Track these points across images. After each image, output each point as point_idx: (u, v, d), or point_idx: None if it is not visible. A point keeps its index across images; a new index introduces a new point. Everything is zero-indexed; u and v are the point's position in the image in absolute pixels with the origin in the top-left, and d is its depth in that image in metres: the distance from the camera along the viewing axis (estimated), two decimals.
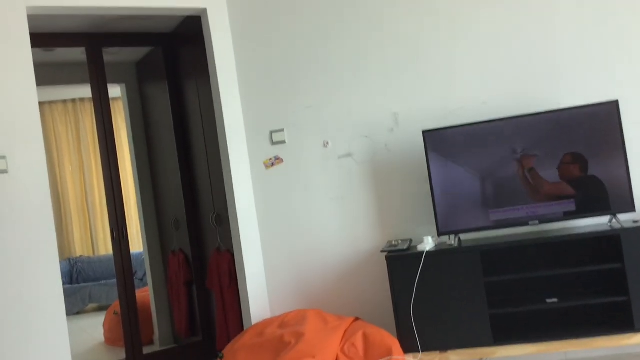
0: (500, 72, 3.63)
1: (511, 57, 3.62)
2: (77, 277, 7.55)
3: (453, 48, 3.69)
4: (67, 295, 7.11)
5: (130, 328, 4.28)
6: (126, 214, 4.40)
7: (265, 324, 3.54)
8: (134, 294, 4.33)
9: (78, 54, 4.49)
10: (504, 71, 3.62)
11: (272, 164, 3.94)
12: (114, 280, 5.79)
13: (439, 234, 3.46)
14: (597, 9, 3.52)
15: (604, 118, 3.30)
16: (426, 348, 3.32)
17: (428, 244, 3.41)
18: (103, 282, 7.29)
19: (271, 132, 3.94)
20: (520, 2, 3.60)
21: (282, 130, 3.92)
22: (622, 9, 3.49)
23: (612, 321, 3.27)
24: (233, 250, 3.98)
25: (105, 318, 5.67)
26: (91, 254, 7.85)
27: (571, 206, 3.33)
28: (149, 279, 5.01)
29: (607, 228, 3.22)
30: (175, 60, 4.53)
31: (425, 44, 3.73)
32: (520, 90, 3.60)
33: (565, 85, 3.55)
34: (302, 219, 3.90)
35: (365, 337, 3.26)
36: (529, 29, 3.59)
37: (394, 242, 3.56)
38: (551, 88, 3.57)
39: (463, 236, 3.64)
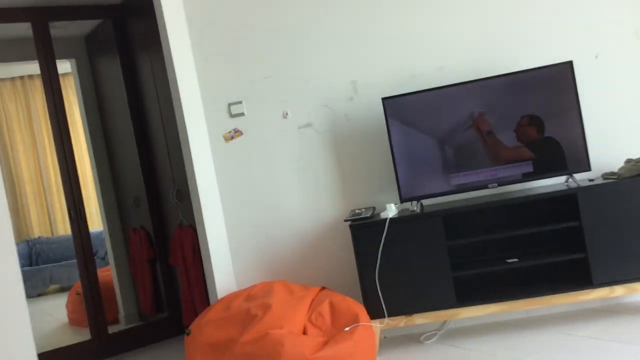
0: (456, 38, 3.63)
1: (467, 22, 3.62)
2: (36, 258, 7.38)
3: (410, 15, 3.67)
4: (27, 277, 6.95)
5: (93, 308, 4.22)
6: (83, 193, 4.30)
7: (231, 297, 3.53)
8: (96, 273, 4.26)
9: (24, 29, 4.31)
10: (461, 37, 3.63)
11: (232, 137, 3.89)
12: (75, 261, 5.69)
13: (402, 200, 3.49)
14: None
15: (559, 79, 3.34)
16: (392, 313, 3.36)
17: (391, 211, 3.43)
18: (64, 262, 7.13)
19: (229, 105, 3.87)
20: None
21: (241, 102, 3.86)
22: None
23: (571, 278, 3.36)
24: (196, 225, 3.94)
25: (67, 299, 5.57)
26: (50, 235, 7.68)
27: (529, 168, 3.38)
28: (110, 257, 4.94)
29: (564, 187, 3.28)
30: (126, 32, 4.40)
31: (382, 11, 3.69)
32: (477, 55, 3.61)
33: (521, 49, 3.57)
34: (264, 191, 3.87)
35: (332, 305, 3.28)
36: None
37: (357, 211, 3.57)
38: (507, 52, 3.59)
39: (425, 202, 3.67)
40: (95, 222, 7.44)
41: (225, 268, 3.86)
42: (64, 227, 7.62)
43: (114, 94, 4.60)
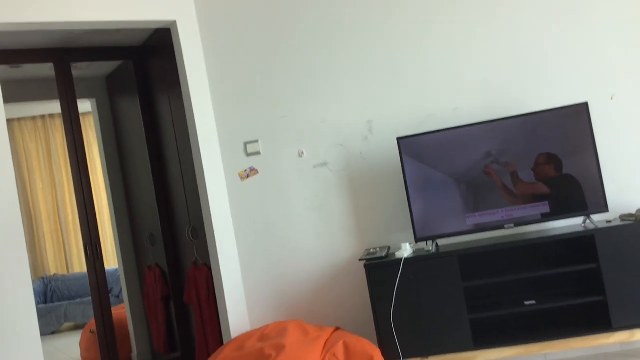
0: (471, 79, 3.66)
1: (482, 63, 3.65)
2: (51, 295, 7.41)
3: (425, 56, 3.71)
4: (42, 314, 6.97)
5: (107, 346, 4.20)
6: (100, 230, 4.34)
7: (245, 337, 3.50)
8: (110, 311, 4.26)
9: (46, 69, 4.42)
10: (475, 77, 3.66)
11: (248, 176, 3.92)
12: (90, 298, 5.69)
13: (417, 240, 3.47)
14: (564, 14, 3.58)
15: (574, 120, 3.34)
16: (407, 355, 3.31)
17: (406, 250, 3.41)
18: (78, 300, 7.16)
19: (245, 144, 3.91)
20: (490, 11, 3.64)
21: (257, 141, 3.90)
22: (589, 13, 3.55)
23: (589, 321, 3.30)
24: (210, 263, 3.94)
25: (81, 337, 5.56)
26: (65, 272, 7.72)
27: (546, 208, 3.36)
28: (125, 295, 4.94)
29: (581, 229, 3.25)
30: (146, 73, 4.49)
31: (397, 52, 3.74)
32: (492, 96, 3.63)
33: (536, 90, 3.59)
34: (279, 229, 3.87)
35: (346, 346, 3.24)
36: (498, 37, 3.63)
37: (372, 250, 3.55)
38: (522, 93, 3.61)
39: (441, 242, 3.65)
40: (111, 259, 7.48)
41: (240, 307, 3.85)
42: (79, 265, 7.67)
43: (132, 133, 4.67)
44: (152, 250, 4.62)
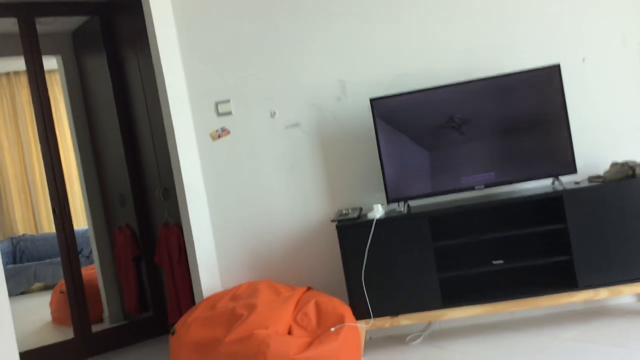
0: (445, 40, 3.64)
1: (456, 25, 3.63)
2: (20, 256, 7.31)
3: (399, 16, 3.67)
4: (11, 275, 6.89)
5: (77, 306, 4.19)
6: (69, 190, 4.27)
7: (216, 297, 3.51)
8: (80, 271, 4.23)
9: (9, 25, 4.26)
10: (449, 39, 3.63)
11: (219, 136, 3.87)
12: (59, 259, 5.63)
13: (389, 201, 3.48)
14: None
15: (546, 82, 3.35)
16: (378, 314, 3.36)
17: (378, 211, 3.43)
18: (48, 260, 7.07)
19: (217, 103, 3.85)
20: None
21: (228, 101, 3.84)
22: None
23: (556, 280, 3.38)
24: (182, 224, 3.92)
25: (51, 297, 5.52)
26: (34, 232, 7.61)
27: (515, 169, 3.39)
28: (95, 256, 4.90)
29: (550, 190, 3.29)
30: (114, 29, 4.36)
31: (371, 12, 3.69)
32: (465, 57, 3.62)
33: (509, 52, 3.59)
34: (251, 190, 3.85)
35: (318, 306, 3.27)
36: None
37: (344, 211, 3.56)
38: (495, 55, 3.60)
39: (412, 203, 3.68)
40: (80, 219, 7.39)
41: (211, 267, 3.85)
42: (48, 225, 7.55)
43: (100, 91, 4.57)
44: (122, 210, 4.58)
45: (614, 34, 3.53)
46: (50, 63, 4.86)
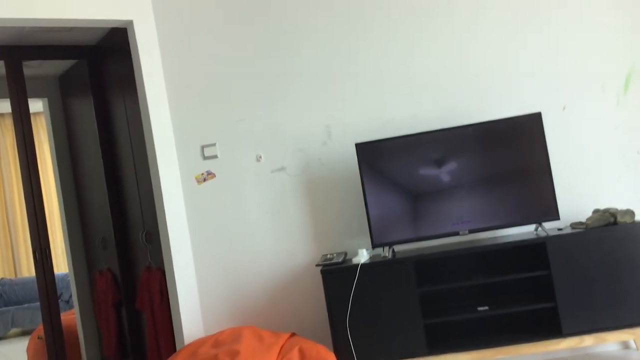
0: (429, 87, 3.70)
1: (440, 72, 3.70)
2: None
3: (384, 62, 3.73)
4: None
5: (55, 353, 4.08)
6: (50, 233, 4.22)
7: (198, 343, 3.44)
8: (59, 316, 4.14)
9: None
10: (433, 86, 3.70)
11: (204, 179, 3.86)
12: (38, 303, 5.53)
13: (374, 246, 3.48)
14: (521, 26, 3.65)
15: (528, 129, 3.40)
16: None
17: (363, 256, 3.42)
18: (26, 305, 6.95)
19: (202, 147, 3.86)
20: (448, 19, 3.69)
21: (214, 144, 3.85)
22: (545, 25, 3.63)
23: (540, 327, 3.36)
24: (164, 268, 3.87)
25: (29, 343, 5.39)
26: (13, 276, 7.48)
27: (499, 216, 3.41)
28: (75, 300, 4.81)
29: (533, 236, 3.31)
30: (101, 73, 4.39)
31: (357, 57, 3.76)
32: (449, 104, 3.68)
33: (492, 100, 3.65)
34: (235, 234, 3.83)
35: (302, 352, 3.22)
36: (456, 45, 3.68)
37: (328, 256, 3.55)
38: (478, 102, 3.66)
39: (397, 248, 3.67)
40: (61, 263, 7.29)
41: (193, 313, 3.79)
42: (28, 269, 7.45)
43: (85, 134, 4.56)
44: (103, 254, 4.52)
45: (594, 82, 3.61)
46: (36, 105, 4.87)
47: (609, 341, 3.23)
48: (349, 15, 3.76)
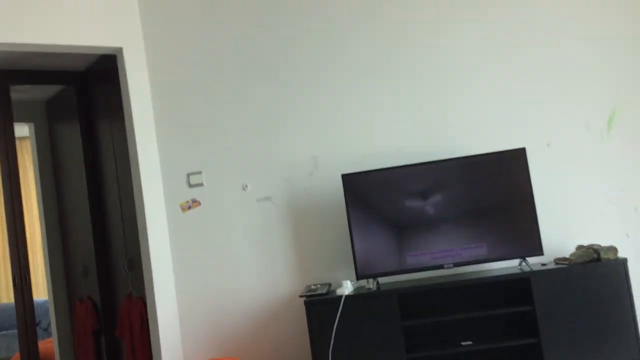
0: (417, 121, 3.73)
1: (428, 106, 3.74)
2: None
3: (373, 95, 3.77)
4: None
5: None
6: (31, 260, 4.15)
7: None
8: (36, 345, 4.05)
9: None
10: (421, 120, 3.73)
11: (189, 207, 3.84)
12: (16, 331, 5.41)
13: (358, 277, 3.46)
14: (508, 66, 3.71)
15: (513, 164, 3.43)
16: None
17: (347, 288, 3.40)
18: (3, 332, 6.79)
19: (188, 175, 3.85)
20: (432, 56, 3.74)
21: (200, 172, 3.84)
22: (532, 66, 3.70)
23: None
24: (145, 297, 3.82)
25: None
26: None
27: (483, 250, 3.41)
28: (53, 328, 4.72)
29: (517, 271, 3.31)
30: (89, 99, 4.39)
31: (345, 90, 3.79)
32: (436, 138, 3.71)
33: (478, 135, 3.69)
34: (219, 263, 3.80)
35: None
36: (443, 79, 3.73)
37: (312, 287, 3.52)
38: (464, 137, 3.70)
39: (382, 280, 3.66)
40: (41, 290, 7.16)
41: (174, 343, 3.73)
42: (7, 295, 7.30)
43: (71, 161, 4.54)
44: (84, 281, 4.45)
45: (578, 119, 3.66)
46: (22, 130, 4.84)
47: None
48: (335, 46, 3.80)
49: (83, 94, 4.41)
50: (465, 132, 3.70)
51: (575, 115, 3.67)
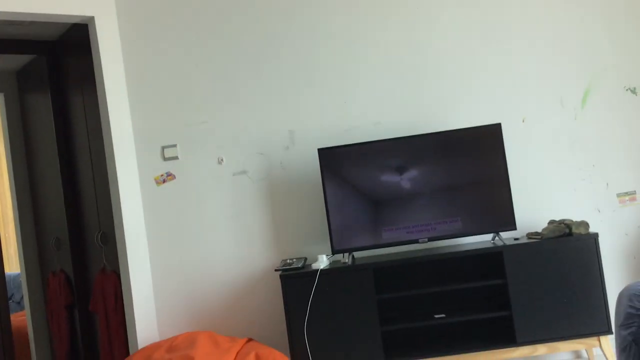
0: (393, 96, 3.72)
1: (403, 81, 3.72)
2: None
3: (349, 70, 3.75)
4: None
5: (4, 356, 3.95)
6: (3, 233, 4.09)
7: (152, 348, 3.38)
8: (9, 318, 4.01)
9: None
10: (397, 95, 3.72)
11: (164, 181, 3.80)
12: None
13: (333, 252, 3.47)
14: (485, 40, 3.70)
15: (487, 140, 3.45)
16: None
17: (322, 262, 3.41)
18: None
19: (163, 148, 3.81)
20: (411, 30, 3.72)
21: (175, 145, 3.80)
22: (507, 41, 3.70)
23: (496, 335, 3.40)
24: (120, 270, 3.79)
25: None
26: None
27: (458, 225, 3.44)
28: (26, 302, 4.67)
29: (490, 245, 3.35)
30: (60, 69, 4.29)
31: (322, 64, 3.76)
32: (412, 113, 3.71)
33: (454, 110, 3.69)
34: (194, 237, 3.78)
35: (258, 358, 3.19)
36: (420, 55, 3.72)
37: (288, 261, 3.53)
38: (441, 112, 3.70)
39: (357, 254, 3.67)
40: (13, 263, 7.09)
41: (148, 316, 3.72)
42: None
43: (42, 132, 4.45)
44: (57, 255, 4.40)
45: (553, 95, 3.69)
46: None
47: (562, 350, 3.29)
48: (312, 21, 3.76)
49: (54, 64, 4.31)
50: (441, 107, 3.70)
51: (551, 91, 3.69)
